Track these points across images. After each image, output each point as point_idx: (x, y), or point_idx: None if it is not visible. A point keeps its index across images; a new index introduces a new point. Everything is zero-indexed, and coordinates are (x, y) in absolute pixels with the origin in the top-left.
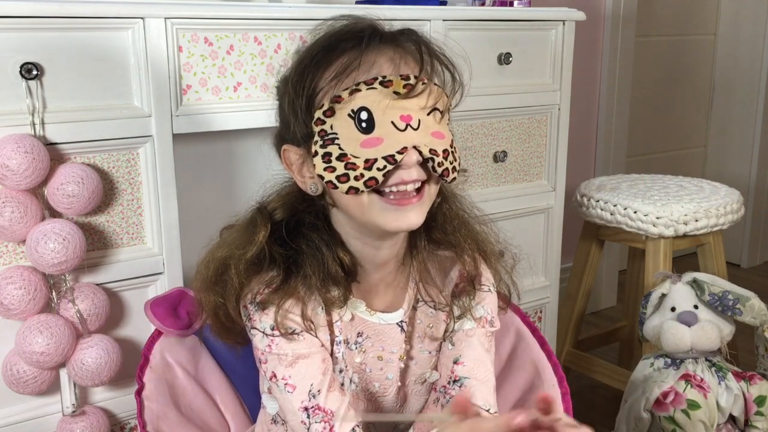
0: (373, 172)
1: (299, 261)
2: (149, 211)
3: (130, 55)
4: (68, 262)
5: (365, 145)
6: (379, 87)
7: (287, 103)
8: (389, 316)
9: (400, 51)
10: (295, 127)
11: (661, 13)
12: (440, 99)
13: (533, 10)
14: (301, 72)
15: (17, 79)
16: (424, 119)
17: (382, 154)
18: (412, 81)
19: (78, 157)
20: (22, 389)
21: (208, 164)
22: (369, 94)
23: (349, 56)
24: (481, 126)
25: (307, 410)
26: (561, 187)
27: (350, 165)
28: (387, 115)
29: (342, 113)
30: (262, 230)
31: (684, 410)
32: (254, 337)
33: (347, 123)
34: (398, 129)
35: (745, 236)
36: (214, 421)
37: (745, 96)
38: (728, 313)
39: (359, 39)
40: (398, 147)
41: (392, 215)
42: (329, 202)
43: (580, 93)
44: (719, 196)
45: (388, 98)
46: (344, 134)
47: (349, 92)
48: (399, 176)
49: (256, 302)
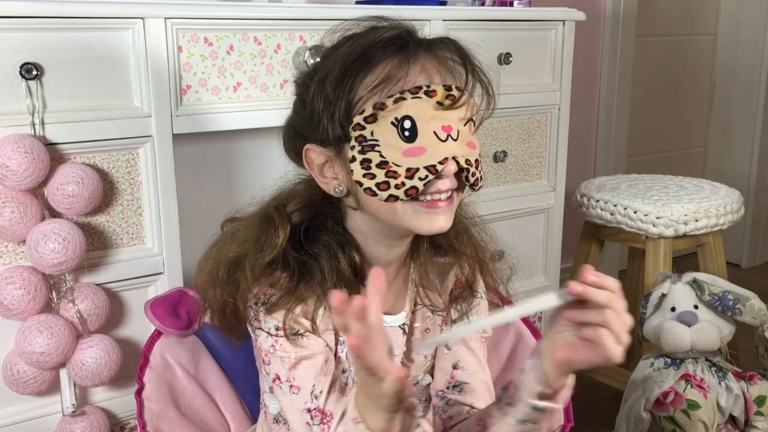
0: (415, 182)
1: (312, 267)
2: (149, 211)
3: (130, 55)
4: (68, 262)
5: (408, 154)
6: (423, 97)
7: (322, 103)
8: (392, 319)
9: (444, 61)
10: (328, 128)
11: (661, 13)
12: (476, 110)
13: (533, 10)
14: (343, 74)
15: (17, 79)
16: (462, 130)
17: (424, 163)
18: (455, 92)
19: (78, 157)
20: (22, 389)
21: (208, 164)
22: (413, 103)
23: (394, 63)
24: (481, 126)
25: (310, 412)
26: (561, 187)
27: (391, 173)
28: (430, 125)
29: (385, 120)
30: (281, 233)
31: (684, 410)
32: (258, 338)
33: (390, 130)
34: (440, 139)
35: (745, 236)
36: (214, 420)
37: (745, 96)
38: (728, 313)
39: (402, 44)
40: (440, 158)
41: (425, 218)
42: (352, 205)
43: (580, 93)
44: (719, 196)
45: (432, 108)
46: (386, 142)
47: (394, 100)
48: (436, 186)
49: (264, 304)
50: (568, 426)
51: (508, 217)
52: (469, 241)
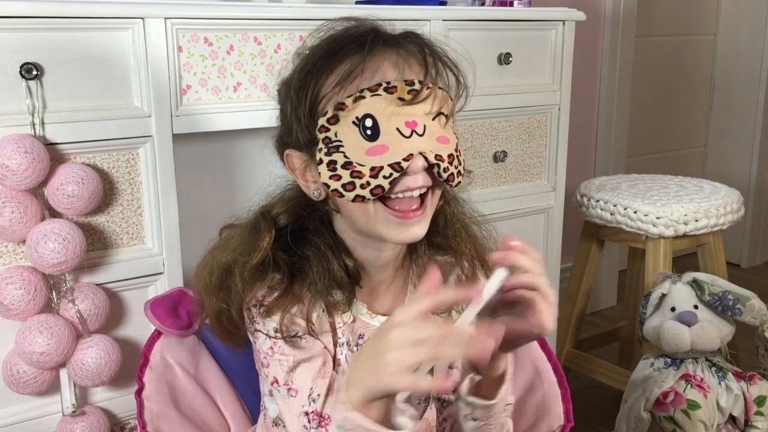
0: (380, 180)
1: (304, 267)
2: (149, 211)
3: (130, 55)
4: (68, 262)
5: (371, 153)
6: (383, 93)
7: (289, 109)
8: None
9: (404, 55)
10: (297, 133)
11: (661, 13)
12: (445, 103)
13: (533, 10)
14: (304, 78)
15: (17, 79)
16: (429, 124)
17: (388, 161)
18: (416, 86)
19: (78, 157)
20: (22, 389)
21: (208, 164)
22: (373, 101)
23: (352, 62)
24: (481, 126)
25: (308, 415)
26: (561, 187)
27: (356, 173)
28: (392, 122)
29: (346, 120)
30: (266, 236)
31: (684, 410)
32: (257, 340)
33: (352, 130)
34: (403, 136)
35: (745, 236)
36: (214, 421)
37: (745, 96)
38: (728, 313)
39: (361, 43)
40: (404, 154)
41: (396, 228)
42: (333, 208)
43: (580, 93)
44: (719, 196)
45: (393, 104)
46: (349, 142)
47: (353, 99)
48: (405, 183)
49: (261, 306)
50: (568, 426)
51: (508, 217)
52: (468, 238)
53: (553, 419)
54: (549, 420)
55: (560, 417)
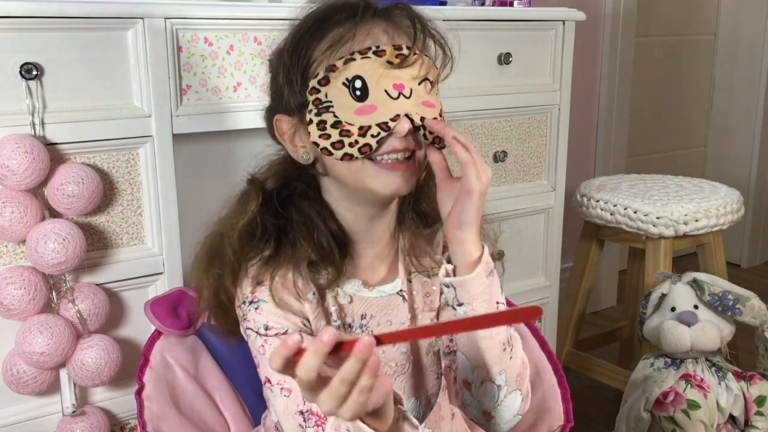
0: (368, 139)
1: (290, 230)
2: (149, 211)
3: (130, 55)
4: (68, 262)
5: (360, 113)
6: (372, 56)
7: (282, 73)
8: (389, 287)
9: (393, 23)
10: (289, 96)
11: (661, 13)
12: (431, 70)
13: (533, 10)
14: (297, 42)
15: (17, 79)
16: (416, 89)
17: (376, 121)
18: (405, 51)
19: (78, 157)
20: (22, 389)
21: (208, 164)
22: (363, 63)
23: (344, 27)
24: (481, 126)
25: (303, 414)
26: (561, 187)
27: (345, 132)
28: (380, 84)
29: (337, 82)
30: (253, 200)
31: (684, 410)
32: (249, 338)
33: (342, 91)
34: (391, 97)
35: (745, 236)
36: (214, 421)
37: (745, 96)
38: (728, 313)
39: (354, 11)
40: (391, 114)
41: (385, 178)
42: (321, 171)
43: (580, 93)
44: (719, 196)
45: (382, 67)
46: (339, 102)
47: (344, 61)
48: (391, 144)
49: (251, 303)
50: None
51: (508, 217)
52: None
53: (553, 419)
54: (549, 420)
55: (560, 417)
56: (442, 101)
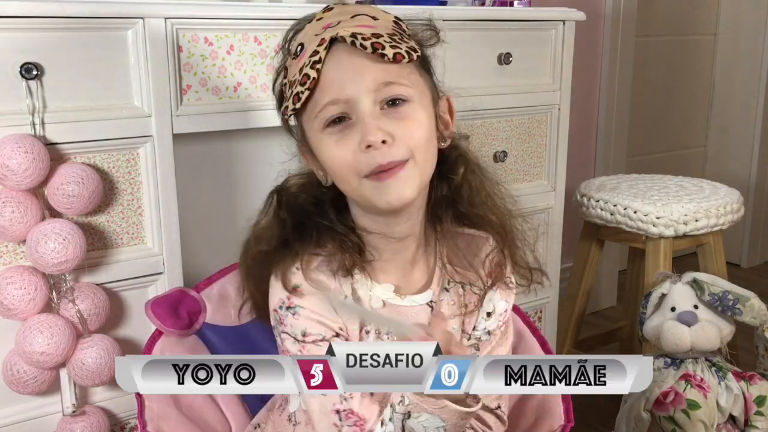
0: (306, 71)
1: (319, 232)
2: (149, 211)
3: (130, 55)
4: (68, 262)
5: (299, 61)
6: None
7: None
8: (419, 298)
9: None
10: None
11: (661, 13)
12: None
13: (533, 10)
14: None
15: (17, 79)
16: (346, 20)
17: (307, 56)
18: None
19: (78, 157)
20: (22, 389)
21: (208, 164)
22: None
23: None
24: (481, 126)
25: (339, 413)
26: (561, 187)
27: (290, 83)
28: (311, 33)
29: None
30: (272, 207)
31: (684, 410)
32: (285, 341)
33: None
34: (317, 35)
35: (745, 236)
36: (215, 420)
37: (745, 96)
38: (728, 313)
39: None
40: (317, 40)
41: (379, 192)
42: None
43: (580, 93)
44: (719, 196)
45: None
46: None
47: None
48: (374, 160)
49: (288, 309)
50: (568, 426)
51: None
52: (494, 207)
53: (553, 419)
54: (549, 420)
55: (560, 417)
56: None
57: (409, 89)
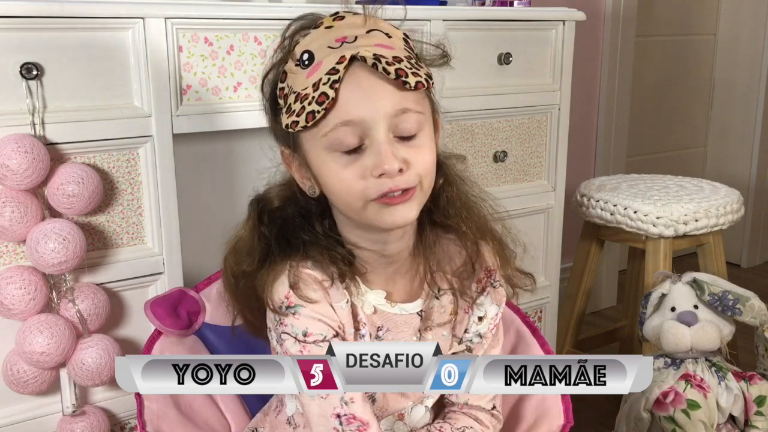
0: (322, 89)
1: (304, 249)
2: (149, 211)
3: (130, 55)
4: (68, 262)
5: (309, 75)
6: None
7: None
8: (410, 306)
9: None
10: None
11: (661, 13)
12: (378, 23)
13: (533, 10)
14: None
15: (17, 79)
16: (362, 35)
17: (324, 72)
18: (341, 14)
19: (78, 157)
20: (22, 389)
21: (208, 164)
22: (309, 38)
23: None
24: (481, 126)
25: (340, 417)
26: (561, 187)
27: (302, 97)
28: (323, 42)
29: (290, 64)
30: (252, 219)
31: (684, 410)
32: (285, 342)
33: (295, 68)
34: (334, 49)
35: (745, 236)
36: (215, 420)
37: (745, 96)
38: (728, 313)
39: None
40: (337, 57)
41: (387, 213)
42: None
43: (580, 93)
44: (719, 196)
45: (325, 35)
46: (293, 80)
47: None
48: (386, 185)
49: (287, 308)
50: (568, 426)
51: (508, 217)
52: (469, 217)
53: (552, 419)
54: (549, 420)
55: (560, 417)
56: (442, 102)
57: (421, 116)
